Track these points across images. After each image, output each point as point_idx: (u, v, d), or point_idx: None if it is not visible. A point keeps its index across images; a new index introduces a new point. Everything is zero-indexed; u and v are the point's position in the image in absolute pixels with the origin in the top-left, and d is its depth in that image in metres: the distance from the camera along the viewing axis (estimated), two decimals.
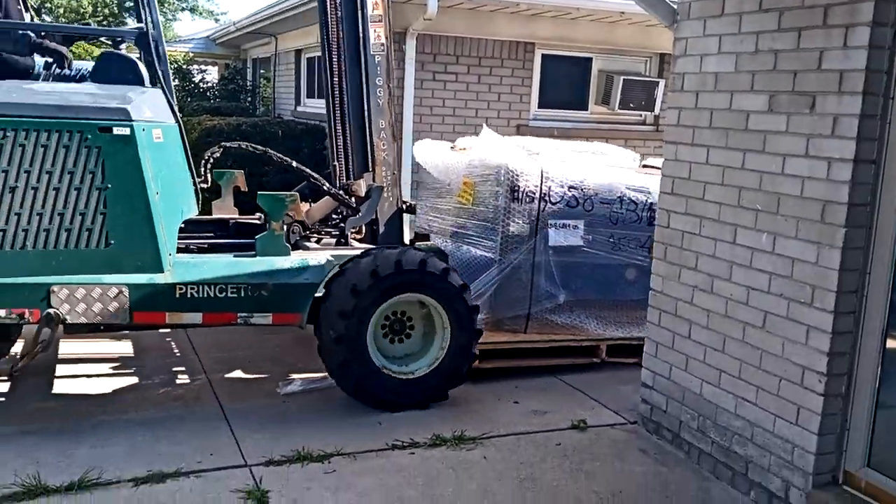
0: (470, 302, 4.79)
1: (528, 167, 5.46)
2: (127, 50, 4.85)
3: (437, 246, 5.37)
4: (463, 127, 8.54)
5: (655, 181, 4.82)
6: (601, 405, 4.90)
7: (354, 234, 5.11)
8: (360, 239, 5.17)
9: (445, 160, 6.05)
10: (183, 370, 5.27)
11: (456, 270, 4.84)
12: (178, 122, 4.46)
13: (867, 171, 3.30)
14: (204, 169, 4.90)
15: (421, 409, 4.65)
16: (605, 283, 5.60)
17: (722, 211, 3.94)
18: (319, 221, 5.15)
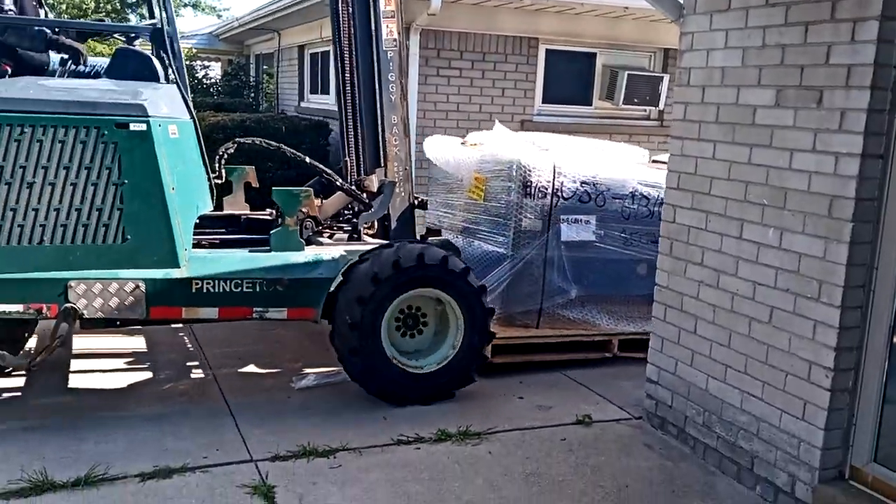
0: (486, 304, 4.80)
1: (540, 162, 5.45)
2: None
3: (448, 240, 5.34)
4: (467, 122, 8.52)
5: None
6: (606, 400, 4.90)
7: (366, 229, 5.11)
8: (371, 234, 5.17)
9: (456, 156, 6.04)
10: (187, 365, 5.28)
11: (472, 270, 4.85)
12: (192, 117, 4.47)
13: (874, 165, 3.29)
14: (218, 164, 4.90)
15: (424, 404, 4.65)
16: (616, 278, 5.60)
17: (728, 206, 3.93)
18: (331, 217, 5.15)
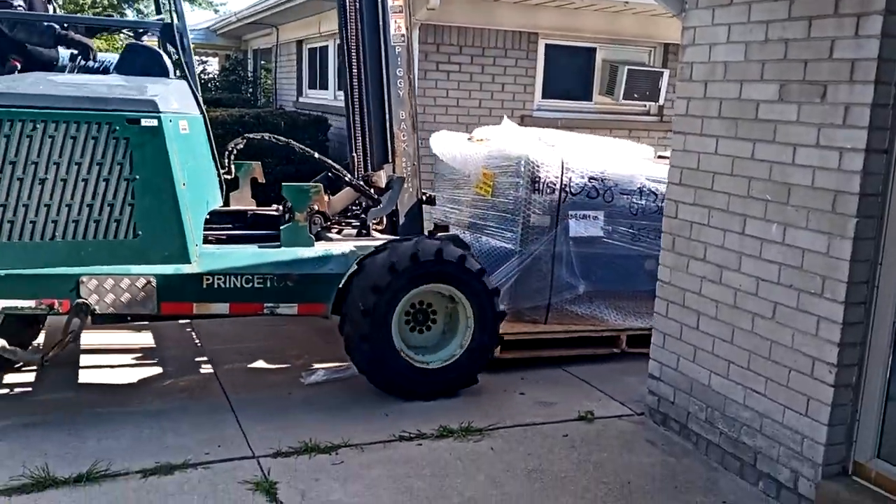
0: (498, 308, 4.81)
1: (549, 158, 5.44)
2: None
3: (457, 236, 5.32)
4: (466, 118, 8.50)
5: None
6: (608, 397, 4.90)
7: (375, 225, 5.11)
8: (380, 230, 5.17)
9: (463, 151, 6.02)
10: (191, 361, 5.26)
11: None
12: (202, 113, 4.46)
13: (879, 160, 3.28)
14: (227, 160, 4.89)
15: (427, 400, 4.64)
16: (624, 273, 5.59)
17: (731, 201, 3.92)
18: (339, 212, 5.14)
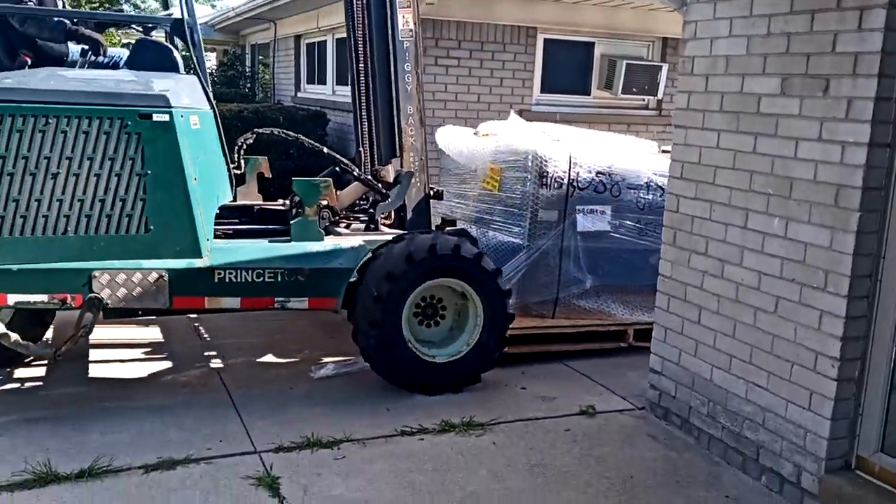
0: (508, 308, 4.81)
1: (556, 153, 5.44)
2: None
3: (466, 230, 5.31)
4: (465, 112, 8.50)
5: None
6: (609, 391, 4.90)
7: (383, 219, 5.11)
8: (388, 225, 5.17)
9: (470, 146, 6.02)
10: (197, 357, 5.26)
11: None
12: (213, 108, 4.46)
13: (882, 154, 3.28)
14: (237, 155, 4.89)
15: (430, 394, 4.64)
16: (632, 268, 5.60)
17: (733, 195, 3.92)
18: (347, 207, 5.14)
